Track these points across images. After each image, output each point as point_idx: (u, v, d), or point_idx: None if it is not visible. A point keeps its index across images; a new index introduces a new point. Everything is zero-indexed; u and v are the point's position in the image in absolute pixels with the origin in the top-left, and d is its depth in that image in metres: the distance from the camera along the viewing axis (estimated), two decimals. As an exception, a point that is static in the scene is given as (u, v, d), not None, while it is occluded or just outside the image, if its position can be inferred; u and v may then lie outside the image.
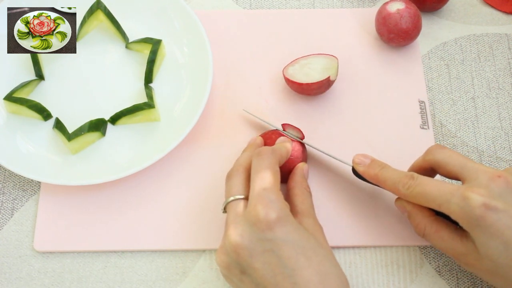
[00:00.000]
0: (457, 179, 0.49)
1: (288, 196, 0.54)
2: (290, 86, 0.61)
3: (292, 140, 0.56)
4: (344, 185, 0.58)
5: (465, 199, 0.44)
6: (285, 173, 0.55)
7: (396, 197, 0.52)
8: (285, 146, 0.54)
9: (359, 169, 0.53)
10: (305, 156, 0.57)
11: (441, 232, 0.48)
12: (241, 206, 0.48)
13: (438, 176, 0.53)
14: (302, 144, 0.58)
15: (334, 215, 0.57)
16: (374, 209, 0.57)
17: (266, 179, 0.48)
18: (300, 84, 0.59)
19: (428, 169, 0.51)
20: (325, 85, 0.60)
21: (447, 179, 0.57)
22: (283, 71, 0.61)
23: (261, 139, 0.57)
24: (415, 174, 0.48)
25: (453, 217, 0.45)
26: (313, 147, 0.57)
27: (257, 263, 0.45)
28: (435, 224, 0.49)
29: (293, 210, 0.52)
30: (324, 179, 0.58)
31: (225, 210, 0.50)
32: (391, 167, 0.51)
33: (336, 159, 0.56)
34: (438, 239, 0.48)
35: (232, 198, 0.49)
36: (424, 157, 0.51)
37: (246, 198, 0.49)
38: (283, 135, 0.57)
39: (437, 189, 0.46)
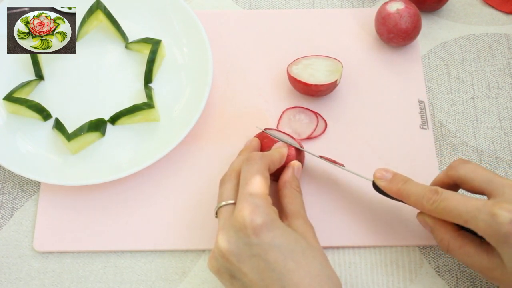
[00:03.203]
0: (482, 194, 0.47)
1: (278, 197, 0.54)
2: (295, 86, 0.61)
3: (289, 147, 0.56)
4: (343, 185, 0.58)
5: (492, 216, 0.43)
6: (281, 172, 0.55)
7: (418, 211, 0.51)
8: (279, 151, 0.54)
9: (381, 184, 0.51)
10: (302, 156, 0.57)
11: (466, 247, 0.47)
12: (230, 211, 0.48)
13: (461, 191, 0.53)
14: (299, 143, 0.58)
15: (333, 215, 0.57)
16: (374, 209, 0.57)
17: (253, 184, 0.48)
18: (308, 85, 0.59)
19: (451, 185, 0.50)
20: (331, 87, 0.60)
21: (470, 194, 0.55)
22: (287, 69, 0.61)
23: (257, 141, 0.57)
24: (439, 189, 0.47)
25: (480, 233, 0.45)
26: (328, 160, 0.56)
27: (246, 268, 0.45)
28: (460, 239, 0.47)
29: (283, 212, 0.52)
30: (323, 179, 0.58)
31: (217, 215, 0.50)
32: (414, 181, 0.50)
33: (354, 173, 0.54)
34: (463, 254, 0.47)
35: (223, 203, 0.49)
36: (447, 172, 0.50)
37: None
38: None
39: (463, 204, 0.45)
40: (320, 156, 0.55)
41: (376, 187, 0.52)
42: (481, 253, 0.46)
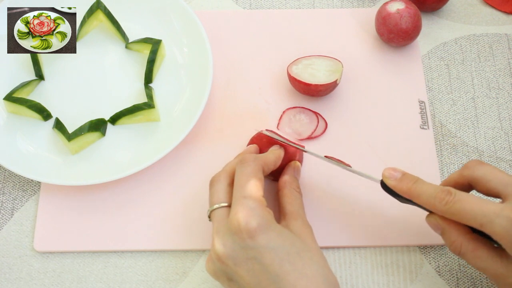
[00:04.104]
0: (497, 196, 0.46)
1: (277, 197, 0.54)
2: (295, 86, 0.61)
3: (289, 146, 0.56)
4: (343, 185, 0.58)
5: (511, 221, 0.42)
6: (281, 172, 0.55)
7: (427, 213, 0.49)
8: (274, 152, 0.54)
9: (390, 183, 0.49)
10: (301, 156, 0.57)
11: (479, 251, 0.45)
12: (224, 214, 0.48)
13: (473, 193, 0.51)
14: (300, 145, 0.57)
15: (333, 215, 0.57)
16: (374, 209, 0.57)
17: (247, 186, 0.47)
18: (308, 85, 0.59)
19: (465, 185, 0.49)
20: (331, 87, 0.60)
21: (483, 196, 0.53)
22: (287, 69, 0.61)
23: (255, 147, 0.56)
24: (452, 190, 0.46)
25: (496, 238, 0.43)
26: (332, 161, 0.54)
27: (242, 271, 0.45)
28: (473, 242, 0.46)
29: (281, 212, 0.52)
30: (323, 178, 0.58)
31: (210, 218, 0.50)
32: (424, 180, 0.48)
33: (361, 174, 0.52)
34: (475, 258, 0.46)
35: (216, 206, 0.49)
36: (461, 172, 0.49)
37: (230, 206, 0.48)
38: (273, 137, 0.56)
39: (479, 207, 0.43)
40: (326, 157, 0.54)
41: (384, 186, 0.50)
42: (495, 258, 0.45)
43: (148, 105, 0.59)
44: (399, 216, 0.56)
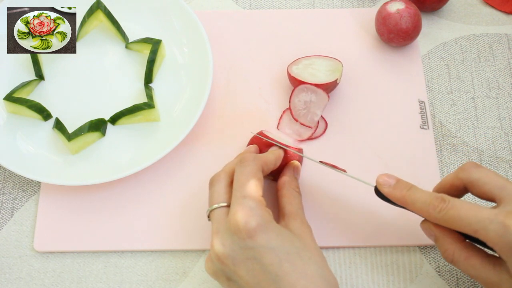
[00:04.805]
0: (491, 200, 0.46)
1: (277, 197, 0.54)
2: (295, 86, 0.61)
3: (286, 148, 0.55)
4: (343, 185, 0.58)
5: (505, 227, 0.41)
6: (280, 172, 0.55)
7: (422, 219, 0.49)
8: (274, 152, 0.54)
9: (384, 190, 0.49)
10: (301, 156, 0.57)
11: (472, 259, 0.45)
12: (223, 214, 0.48)
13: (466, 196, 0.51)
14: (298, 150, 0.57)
15: (333, 215, 0.57)
16: (374, 209, 0.57)
17: (246, 186, 0.47)
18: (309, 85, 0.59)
19: (460, 188, 0.48)
20: (332, 87, 0.60)
21: (477, 199, 0.53)
22: (287, 69, 0.61)
23: (255, 147, 0.56)
24: (446, 197, 0.45)
25: (490, 244, 0.43)
26: (326, 165, 0.54)
27: (241, 270, 0.45)
28: (465, 250, 0.46)
29: (280, 212, 0.52)
30: (323, 178, 0.58)
31: (209, 217, 0.50)
32: (418, 187, 0.48)
33: (356, 178, 0.52)
34: (468, 266, 0.45)
35: (215, 206, 0.49)
36: (457, 174, 0.48)
37: (229, 206, 0.48)
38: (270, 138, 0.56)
39: (473, 214, 0.43)
40: (321, 162, 0.54)
41: (378, 193, 0.50)
42: (487, 266, 0.45)
43: (148, 105, 0.59)
44: (399, 216, 0.56)
